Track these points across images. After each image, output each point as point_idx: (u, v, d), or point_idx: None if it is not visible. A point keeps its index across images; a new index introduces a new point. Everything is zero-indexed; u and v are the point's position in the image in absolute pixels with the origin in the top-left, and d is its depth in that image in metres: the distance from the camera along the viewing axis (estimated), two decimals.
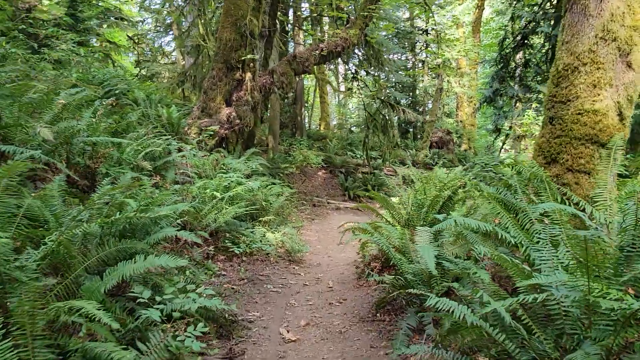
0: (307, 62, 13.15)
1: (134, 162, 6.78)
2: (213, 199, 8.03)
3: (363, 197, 17.46)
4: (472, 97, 24.15)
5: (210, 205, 7.68)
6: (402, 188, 8.27)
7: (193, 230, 7.33)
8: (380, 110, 18.25)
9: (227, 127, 12.57)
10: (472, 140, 24.50)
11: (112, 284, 3.17)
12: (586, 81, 4.31)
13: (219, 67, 12.81)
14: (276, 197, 9.94)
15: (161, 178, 7.34)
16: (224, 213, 7.72)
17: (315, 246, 9.93)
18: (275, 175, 14.81)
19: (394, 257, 4.55)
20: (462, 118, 24.36)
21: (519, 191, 3.69)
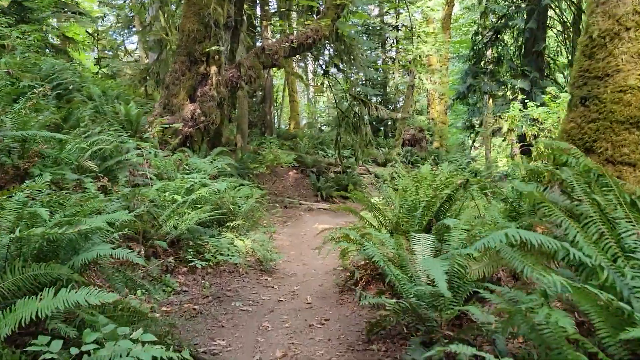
0: (277, 55, 12.15)
1: (76, 162, 5.68)
2: (173, 203, 6.98)
3: (336, 198, 16.55)
4: (444, 94, 23.51)
5: (169, 210, 6.63)
6: (385, 187, 7.35)
7: (149, 240, 6.28)
8: (352, 107, 17.36)
9: (191, 124, 11.47)
10: (444, 138, 23.87)
11: (5, 332, 2.16)
12: (630, 50, 3.46)
13: (182, 61, 11.70)
14: (245, 199, 8.92)
15: (110, 180, 6.24)
16: (186, 219, 6.68)
17: (289, 252, 8.94)
18: (244, 176, 13.77)
19: (393, 274, 3.61)
20: (434, 115, 23.70)
21: (578, 189, 2.80)
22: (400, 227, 5.29)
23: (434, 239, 4.03)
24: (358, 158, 18.09)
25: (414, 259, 3.96)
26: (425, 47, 21.87)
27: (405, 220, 5.13)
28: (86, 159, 5.85)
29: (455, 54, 24.36)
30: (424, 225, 4.90)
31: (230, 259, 6.02)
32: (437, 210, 4.90)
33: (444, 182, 4.99)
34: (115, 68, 20.56)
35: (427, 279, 3.84)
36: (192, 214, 6.75)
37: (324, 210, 15.16)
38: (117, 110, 10.56)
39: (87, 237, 3.37)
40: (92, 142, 6.31)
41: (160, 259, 6.33)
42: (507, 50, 18.31)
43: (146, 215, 5.98)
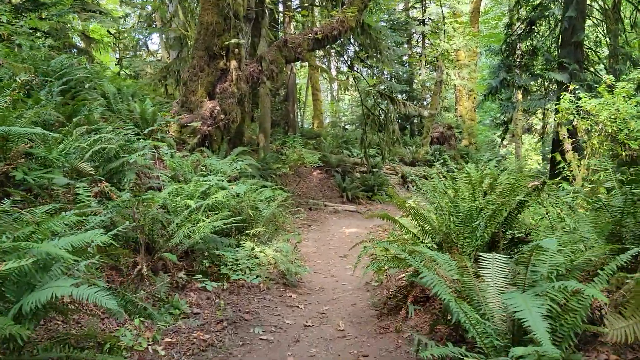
0: (300, 47, 11.20)
1: (68, 164, 4.80)
2: (186, 208, 6.08)
3: (362, 199, 15.56)
4: (472, 90, 22.28)
5: (181, 217, 5.73)
6: (428, 189, 6.34)
7: (157, 252, 5.39)
8: (378, 104, 16.33)
9: (210, 123, 10.61)
10: (473, 136, 22.64)
11: None
12: None
13: (200, 55, 10.84)
14: (267, 203, 7.99)
15: (115, 184, 5.37)
16: (200, 227, 5.78)
17: (315, 261, 7.99)
18: (267, 176, 12.87)
19: (462, 313, 2.61)
20: (462, 112, 22.46)
21: None
22: (452, 239, 4.29)
23: (509, 261, 3.03)
24: (385, 157, 17.06)
25: (483, 288, 2.96)
26: (453, 41, 20.72)
27: (459, 231, 4.13)
28: (83, 160, 4.97)
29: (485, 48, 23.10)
30: (486, 240, 3.88)
31: (248, 278, 5.05)
32: (504, 220, 3.88)
33: (512, 185, 3.96)
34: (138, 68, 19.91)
35: (502, 315, 2.83)
36: (206, 222, 5.84)
37: (350, 212, 14.19)
38: (132, 109, 9.75)
39: (45, 267, 2.47)
40: (93, 141, 5.44)
41: (170, 274, 5.43)
42: (543, 42, 17.03)
43: (149, 224, 5.08)
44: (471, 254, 3.82)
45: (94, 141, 5.45)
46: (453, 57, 21.39)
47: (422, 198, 7.19)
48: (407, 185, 17.47)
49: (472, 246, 3.91)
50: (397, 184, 17.53)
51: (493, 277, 3.01)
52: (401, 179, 17.80)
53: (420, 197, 7.00)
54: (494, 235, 3.90)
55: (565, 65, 15.14)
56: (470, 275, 2.96)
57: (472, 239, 3.93)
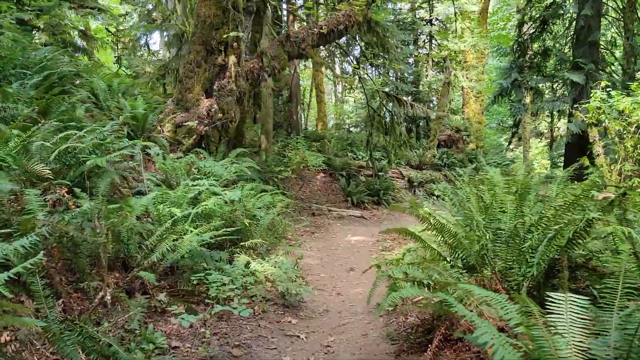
0: (304, 43, 10.31)
1: (17, 166, 3.91)
2: (171, 217, 5.19)
3: (368, 204, 14.63)
4: (480, 92, 21.35)
5: (163, 228, 4.83)
6: (457, 199, 5.43)
7: (132, 269, 4.49)
8: (384, 105, 15.43)
9: (207, 122, 9.72)
10: (480, 139, 21.71)
11: None
12: None
13: (197, 50, 9.96)
14: (266, 209, 7.07)
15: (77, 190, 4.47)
16: (187, 240, 4.89)
17: (319, 274, 7.08)
18: (269, 180, 11.97)
19: None
20: (469, 115, 21.53)
21: None
22: (488, 261, 3.38)
23: (586, 303, 2.13)
24: (391, 160, 16.14)
25: (556, 344, 2.05)
26: (461, 42, 19.81)
27: (500, 253, 3.22)
28: (42, 161, 4.08)
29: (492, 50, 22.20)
30: (542, 268, 2.97)
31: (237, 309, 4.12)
32: (567, 243, 2.97)
33: (576, 198, 3.05)
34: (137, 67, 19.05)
35: None
36: (193, 234, 4.94)
37: (356, 217, 13.28)
38: (122, 106, 8.87)
39: None
40: (59, 140, 4.55)
41: (148, 296, 4.54)
42: (557, 41, 16.12)
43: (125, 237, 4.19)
44: (521, 285, 2.92)
45: (60, 139, 4.56)
46: (461, 59, 20.48)
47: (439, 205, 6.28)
48: (414, 189, 16.55)
49: (520, 275, 3.01)
50: (403, 188, 16.62)
51: (568, 327, 2.10)
52: (407, 183, 16.88)
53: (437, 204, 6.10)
54: (553, 261, 2.99)
55: (581, 65, 14.22)
56: (541, 327, 2.05)
57: (522, 266, 3.02)
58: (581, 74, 14.04)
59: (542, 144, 28.88)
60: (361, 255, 8.48)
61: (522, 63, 16.12)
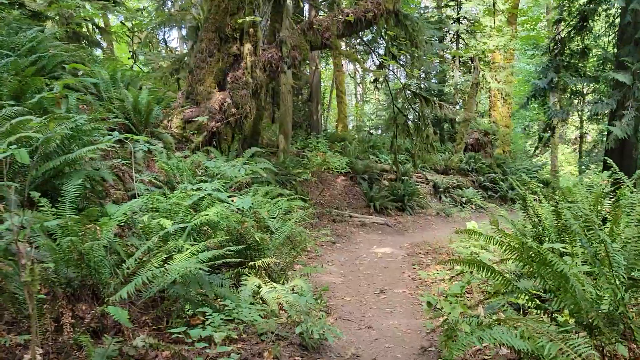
0: (328, 32, 9.05)
1: None
2: (162, 230, 3.96)
3: (391, 209, 13.29)
4: (508, 94, 19.86)
5: (145, 247, 3.60)
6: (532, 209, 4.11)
7: (101, 299, 3.27)
8: (411, 105, 14.10)
9: (219, 118, 8.51)
10: (508, 144, 20.21)
11: None
12: None
13: (210, 38, 8.77)
14: (282, 219, 5.79)
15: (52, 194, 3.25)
16: (178, 261, 3.66)
17: (343, 298, 5.78)
18: (287, 182, 10.72)
19: None
20: (496, 118, 20.04)
21: None
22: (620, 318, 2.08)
23: None
24: (416, 164, 14.77)
25: None
26: (489, 41, 18.38)
27: None
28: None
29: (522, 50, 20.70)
30: None
31: None
32: None
33: None
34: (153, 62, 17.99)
35: None
36: (187, 253, 3.70)
37: (379, 225, 11.95)
38: (123, 97, 7.69)
39: None
40: (10, 127, 3.34)
41: (120, 339, 3.30)
42: (597, 39, 14.62)
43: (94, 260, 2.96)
44: None
45: (11, 127, 3.35)
46: (490, 59, 19.04)
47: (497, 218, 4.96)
48: (440, 195, 15.15)
49: None
50: (428, 194, 15.23)
51: None
52: (433, 188, 15.49)
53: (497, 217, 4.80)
54: None
55: (627, 64, 12.70)
56: None
57: None
58: (627, 74, 12.53)
59: (568, 150, 27.23)
60: (390, 272, 7.16)
61: (559, 62, 14.64)
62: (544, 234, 4.49)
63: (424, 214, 13.86)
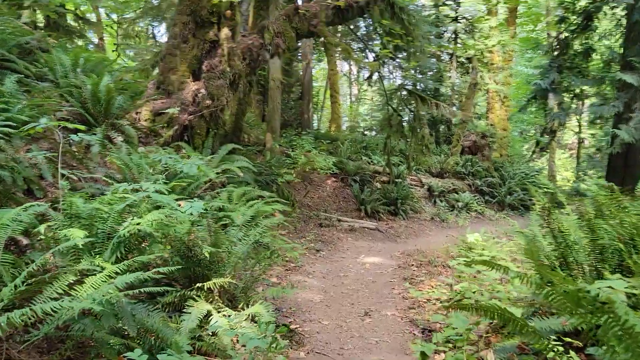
0: (316, 19, 8.04)
1: None
2: (64, 243, 2.92)
3: (383, 214, 12.28)
4: (506, 97, 18.90)
5: (29, 268, 2.56)
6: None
7: None
8: (406, 104, 13.13)
9: (192, 110, 7.49)
10: (505, 147, 19.25)
11: None
12: None
13: (184, 22, 7.74)
14: (246, 229, 4.71)
15: None
16: (90, 287, 2.64)
17: (320, 321, 4.76)
18: (271, 183, 9.69)
19: None
20: (494, 121, 19.06)
21: None
22: None
23: None
24: (410, 166, 13.77)
25: None
26: (488, 41, 17.42)
27: None
28: None
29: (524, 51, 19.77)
30: None
31: None
32: None
33: None
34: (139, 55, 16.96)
35: None
36: (98, 278, 2.68)
37: (370, 230, 10.93)
38: (80, 84, 6.66)
39: None
40: None
41: None
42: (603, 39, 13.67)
43: None
44: None
45: None
46: (488, 59, 18.07)
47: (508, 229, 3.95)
48: (435, 199, 14.15)
49: None
50: (422, 197, 14.23)
51: None
52: (428, 192, 14.49)
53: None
54: None
55: (635, 64, 11.75)
56: None
57: None
58: (635, 75, 11.59)
59: (565, 155, 26.31)
60: (378, 287, 6.15)
61: (562, 63, 13.68)
62: (568, 252, 3.51)
63: (417, 219, 12.86)
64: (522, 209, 14.50)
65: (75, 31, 14.49)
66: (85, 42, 14.85)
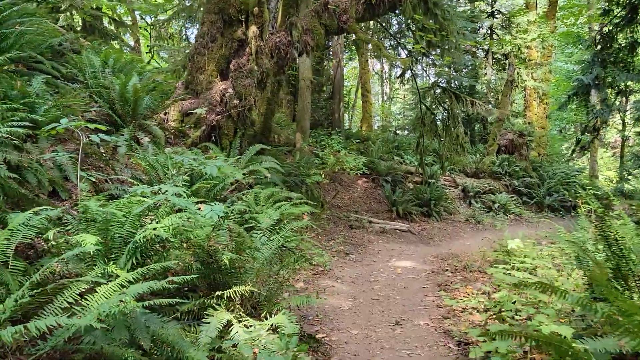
0: (346, 15, 7.78)
1: None
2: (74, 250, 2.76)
3: (416, 215, 11.92)
4: (545, 94, 18.16)
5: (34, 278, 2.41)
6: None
7: None
8: (440, 102, 12.71)
9: (219, 110, 7.34)
10: (543, 146, 18.50)
11: None
12: None
13: (212, 20, 7.62)
14: (269, 234, 4.50)
15: None
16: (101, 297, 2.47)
17: (348, 330, 4.51)
18: (301, 184, 9.49)
19: None
20: (531, 119, 18.35)
21: None
22: None
23: None
24: (444, 166, 13.36)
25: None
26: (526, 36, 16.76)
27: None
28: None
29: (563, 46, 18.97)
30: None
31: None
32: None
33: None
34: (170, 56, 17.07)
35: None
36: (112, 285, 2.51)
37: (401, 232, 10.60)
38: (108, 84, 6.60)
39: None
40: None
41: None
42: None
43: None
44: None
45: None
46: (526, 55, 17.39)
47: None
48: (470, 200, 13.67)
49: None
50: (457, 198, 13.78)
51: None
52: (462, 192, 14.02)
53: None
54: None
55: None
56: None
57: None
58: None
59: (607, 154, 25.18)
60: (410, 294, 5.85)
61: (606, 57, 12.97)
62: (623, 262, 3.14)
63: (451, 221, 12.42)
64: (563, 211, 13.86)
65: (111, 34, 14.67)
66: (121, 45, 15.02)
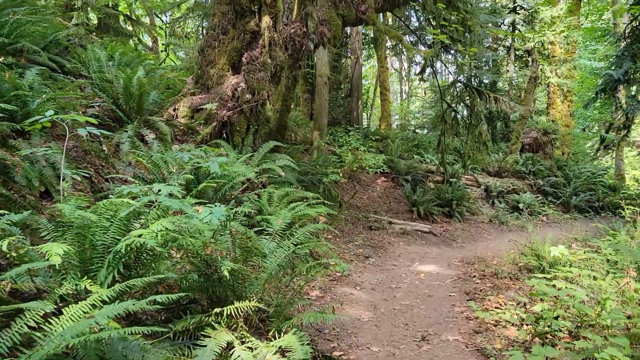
0: (364, 4, 7.20)
1: None
2: (35, 263, 2.24)
3: (437, 215, 11.28)
4: (569, 91, 17.29)
5: None
6: None
7: None
8: (462, 98, 12.03)
9: (231, 105, 6.83)
10: (568, 145, 17.63)
11: None
12: None
13: (223, 11, 7.11)
14: (279, 239, 3.95)
15: None
16: (67, 320, 1.94)
17: (368, 347, 3.94)
18: (318, 183, 8.95)
19: None
20: (555, 117, 17.49)
21: None
22: None
23: None
24: (466, 165, 12.66)
25: None
26: (549, 32, 15.94)
27: None
28: None
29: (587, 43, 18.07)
30: None
31: None
32: None
33: None
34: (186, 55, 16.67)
35: None
36: (77, 308, 1.99)
37: (423, 233, 9.97)
38: (112, 79, 6.14)
39: None
40: None
41: None
42: None
43: None
44: None
45: None
46: (549, 52, 16.56)
47: None
48: (493, 200, 12.96)
49: None
50: (479, 198, 13.09)
51: None
52: (485, 192, 13.32)
53: None
54: None
55: None
56: None
57: None
58: None
59: (633, 153, 24.07)
60: (436, 303, 5.25)
61: (636, 51, 12.14)
62: None
63: (474, 221, 11.75)
64: (591, 212, 13.04)
65: (126, 33, 14.33)
66: (136, 44, 14.67)
